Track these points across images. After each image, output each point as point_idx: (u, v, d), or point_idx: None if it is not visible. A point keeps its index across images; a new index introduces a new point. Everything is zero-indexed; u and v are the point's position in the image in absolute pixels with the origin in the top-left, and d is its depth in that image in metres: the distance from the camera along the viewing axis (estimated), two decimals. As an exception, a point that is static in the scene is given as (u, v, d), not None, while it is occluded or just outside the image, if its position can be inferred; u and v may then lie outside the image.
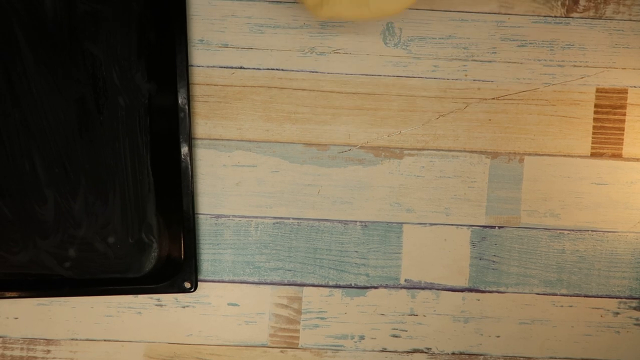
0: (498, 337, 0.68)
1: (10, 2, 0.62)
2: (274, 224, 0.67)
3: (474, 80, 0.66)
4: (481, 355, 0.68)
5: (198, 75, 0.65)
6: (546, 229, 0.67)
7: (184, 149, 0.63)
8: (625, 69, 0.66)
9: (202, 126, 0.66)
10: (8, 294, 0.64)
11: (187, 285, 0.64)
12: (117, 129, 0.64)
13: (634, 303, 0.68)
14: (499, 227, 0.67)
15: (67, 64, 0.64)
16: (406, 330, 0.68)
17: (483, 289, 0.68)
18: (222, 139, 0.66)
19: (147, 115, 0.65)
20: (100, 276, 0.66)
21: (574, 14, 0.66)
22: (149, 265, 0.66)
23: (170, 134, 0.63)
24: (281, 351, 0.67)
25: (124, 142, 0.65)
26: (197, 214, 0.66)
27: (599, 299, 0.68)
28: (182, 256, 0.64)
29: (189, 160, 0.63)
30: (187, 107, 0.63)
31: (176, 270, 0.64)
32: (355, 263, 0.67)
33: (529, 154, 0.67)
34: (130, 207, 0.65)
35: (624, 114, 0.67)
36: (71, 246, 0.65)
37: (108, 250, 0.65)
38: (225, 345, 0.67)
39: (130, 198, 0.65)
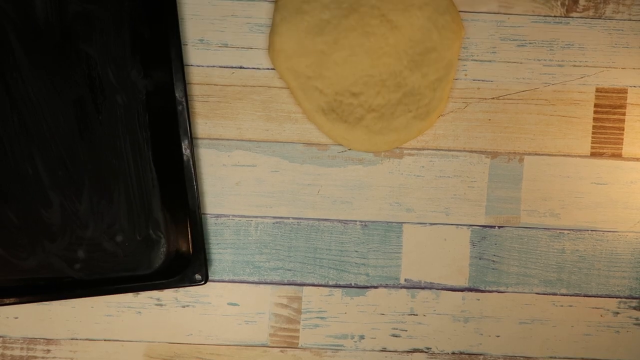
0: (498, 336, 0.68)
1: (1, 7, 0.62)
2: (273, 223, 0.67)
3: (474, 80, 0.66)
4: (481, 355, 0.68)
5: (198, 74, 0.65)
6: (546, 228, 0.67)
7: (185, 141, 0.63)
8: (624, 68, 0.66)
9: (202, 126, 0.66)
10: (18, 300, 0.63)
11: (198, 277, 0.63)
12: (116, 127, 0.64)
13: (634, 303, 0.68)
14: (499, 227, 0.67)
15: (62, 65, 0.63)
16: (406, 330, 0.68)
17: (483, 289, 0.68)
18: (222, 139, 0.66)
19: (145, 111, 0.64)
20: (111, 275, 0.65)
21: (574, 14, 0.66)
22: (159, 261, 0.65)
23: (170, 128, 0.63)
24: (281, 351, 0.67)
25: (124, 140, 0.65)
26: (198, 213, 0.66)
27: (599, 298, 0.68)
28: (191, 249, 0.64)
29: (190, 153, 0.63)
30: (184, 99, 0.62)
31: (186, 264, 0.64)
32: (355, 263, 0.67)
33: (529, 154, 0.67)
34: (135, 204, 0.65)
35: (624, 114, 0.67)
36: (80, 247, 0.65)
37: (117, 249, 0.65)
38: (225, 345, 0.67)
39: (135, 195, 0.65)
